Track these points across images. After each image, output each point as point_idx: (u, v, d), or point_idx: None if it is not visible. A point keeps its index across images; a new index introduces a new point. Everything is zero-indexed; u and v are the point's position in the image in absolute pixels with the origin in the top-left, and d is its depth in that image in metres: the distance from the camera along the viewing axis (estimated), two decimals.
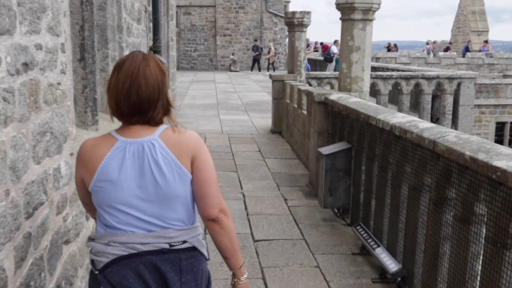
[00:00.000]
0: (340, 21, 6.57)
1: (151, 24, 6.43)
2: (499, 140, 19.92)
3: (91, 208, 2.08)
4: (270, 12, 33.68)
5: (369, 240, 4.48)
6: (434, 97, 12.33)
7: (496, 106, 20.60)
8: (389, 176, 4.31)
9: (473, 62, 27.21)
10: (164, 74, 1.95)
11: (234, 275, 2.12)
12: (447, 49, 29.98)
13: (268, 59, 30.80)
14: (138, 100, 1.89)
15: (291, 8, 36.76)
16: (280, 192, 6.61)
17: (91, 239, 2.01)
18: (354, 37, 6.32)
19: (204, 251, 2.05)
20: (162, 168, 1.89)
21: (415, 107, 14.08)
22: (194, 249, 1.99)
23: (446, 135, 3.29)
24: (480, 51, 27.96)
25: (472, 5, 35.25)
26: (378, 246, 4.32)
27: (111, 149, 1.91)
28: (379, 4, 6.39)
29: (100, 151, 1.92)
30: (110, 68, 4.35)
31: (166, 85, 1.96)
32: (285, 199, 6.25)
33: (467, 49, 29.04)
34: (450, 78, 11.84)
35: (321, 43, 31.94)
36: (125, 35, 4.62)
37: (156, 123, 1.95)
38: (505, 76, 25.63)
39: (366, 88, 6.53)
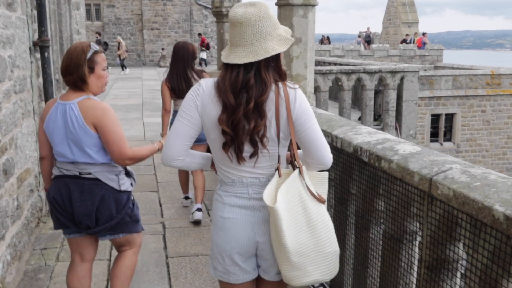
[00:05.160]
0: (276, 7, 5.38)
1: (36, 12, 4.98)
2: (434, 132, 19.71)
3: (44, 163, 2.99)
4: (200, 4, 32.18)
5: None
6: (376, 92, 11.50)
7: (431, 98, 20.31)
8: (351, 213, 3.19)
9: (406, 54, 27.11)
10: (84, 54, 2.76)
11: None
12: (404, 41, 29.53)
13: (119, 56, 26.56)
14: (63, 67, 2.81)
15: None
16: (209, 218, 5.37)
17: None
18: (293, 27, 5.15)
19: (111, 183, 2.86)
20: (74, 124, 2.75)
21: (355, 103, 13.25)
22: (97, 180, 2.84)
23: (448, 170, 2.17)
24: (424, 43, 27.69)
25: None
26: None
27: (52, 107, 2.84)
28: None
29: (48, 107, 2.88)
30: None
31: (82, 62, 2.75)
32: None
33: (411, 41, 28.88)
34: (393, 72, 11.01)
35: (199, 34, 30.46)
36: None
37: (80, 88, 2.80)
38: (436, 68, 25.65)
39: (310, 88, 5.39)
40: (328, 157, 2.11)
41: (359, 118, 11.80)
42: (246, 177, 2.12)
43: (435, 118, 19.97)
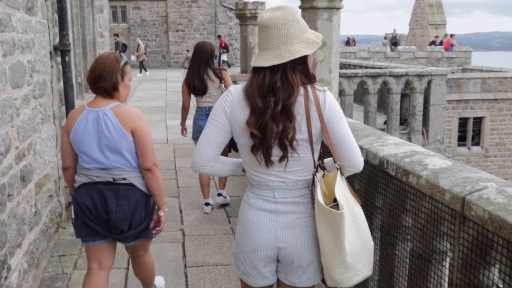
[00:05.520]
0: (300, 10, 5.25)
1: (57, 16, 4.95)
2: (462, 136, 19.28)
3: (68, 172, 2.98)
4: (225, 6, 32.20)
5: None
6: (403, 96, 11.24)
7: (459, 101, 19.87)
8: (376, 227, 3.03)
9: (433, 56, 26.61)
10: (118, 63, 2.84)
11: (158, 209, 3.03)
12: (433, 43, 28.96)
13: (137, 57, 26.42)
14: (95, 74, 2.82)
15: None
16: (230, 226, 5.26)
17: None
18: (318, 30, 5.01)
19: (143, 188, 2.91)
20: (110, 130, 2.77)
21: (381, 107, 13.00)
22: (132, 185, 2.87)
23: (482, 188, 2.01)
24: (451, 45, 27.06)
25: None
26: None
27: (81, 115, 2.82)
28: None
29: (75, 116, 2.85)
30: None
31: (116, 70, 2.82)
32: None
33: (441, 43, 28.29)
34: (420, 75, 10.74)
35: (219, 36, 30.47)
36: None
37: (110, 95, 2.84)
38: (464, 70, 25.08)
39: (335, 94, 5.24)
40: (360, 159, 2.10)
41: (385, 122, 11.57)
42: (273, 180, 2.10)
43: (463, 122, 19.56)
